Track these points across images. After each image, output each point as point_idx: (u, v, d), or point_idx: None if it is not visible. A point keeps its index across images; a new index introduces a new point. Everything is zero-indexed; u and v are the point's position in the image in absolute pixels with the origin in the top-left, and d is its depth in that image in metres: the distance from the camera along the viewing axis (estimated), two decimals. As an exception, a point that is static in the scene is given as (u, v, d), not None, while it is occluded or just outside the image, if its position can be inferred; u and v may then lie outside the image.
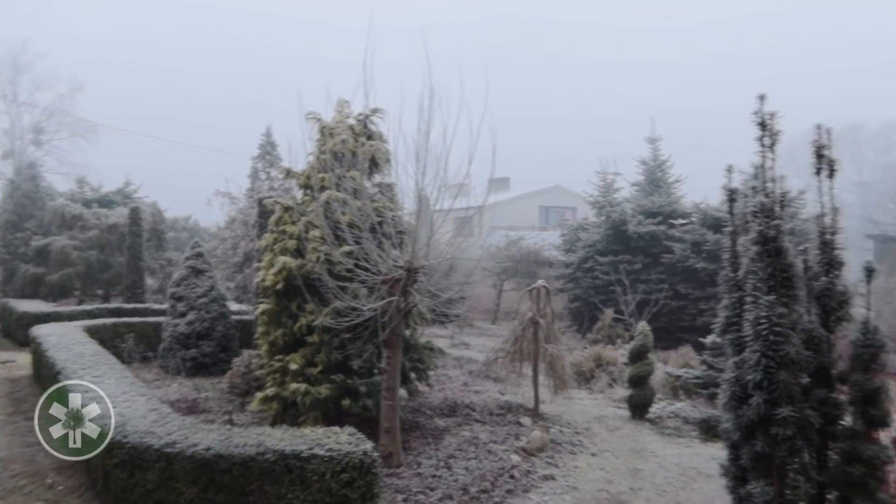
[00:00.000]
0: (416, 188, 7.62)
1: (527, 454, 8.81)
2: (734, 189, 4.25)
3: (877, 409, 4.09)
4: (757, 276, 3.87)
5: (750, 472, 3.88)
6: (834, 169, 4.07)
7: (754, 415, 3.79)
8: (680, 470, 8.60)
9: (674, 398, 12.39)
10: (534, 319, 10.79)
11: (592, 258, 22.07)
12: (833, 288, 4.20)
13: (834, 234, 4.16)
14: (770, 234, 3.89)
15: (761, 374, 3.75)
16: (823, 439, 4.20)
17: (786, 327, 3.72)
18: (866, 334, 4.10)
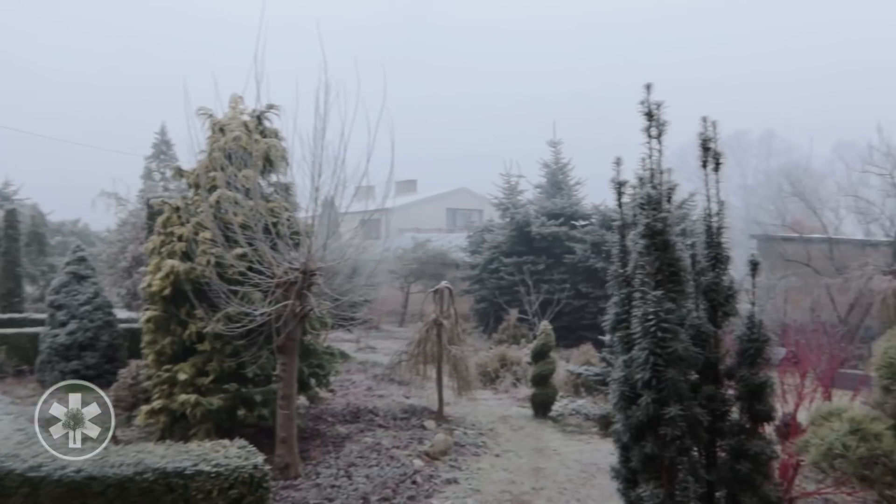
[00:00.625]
0: (312, 187, 7.33)
1: (430, 458, 8.67)
2: (622, 181, 4.23)
3: (762, 403, 4.16)
4: (645, 270, 3.85)
5: (640, 473, 3.85)
6: (720, 162, 4.14)
7: (644, 415, 3.76)
8: (581, 467, 8.70)
9: (575, 395, 12.61)
10: (437, 321, 10.68)
11: (497, 259, 22.31)
12: (720, 283, 4.25)
13: (720, 228, 4.22)
14: (657, 226, 3.88)
15: (650, 372, 3.72)
16: (712, 436, 4.23)
17: (674, 323, 3.71)
18: (752, 329, 4.17)
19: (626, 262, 4.28)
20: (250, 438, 7.54)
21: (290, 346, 7.53)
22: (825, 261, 20.92)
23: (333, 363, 9.81)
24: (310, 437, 9.24)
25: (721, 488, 4.23)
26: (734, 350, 4.32)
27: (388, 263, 28.25)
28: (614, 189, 4.22)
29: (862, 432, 5.31)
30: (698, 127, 4.17)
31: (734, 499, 4.15)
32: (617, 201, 4.28)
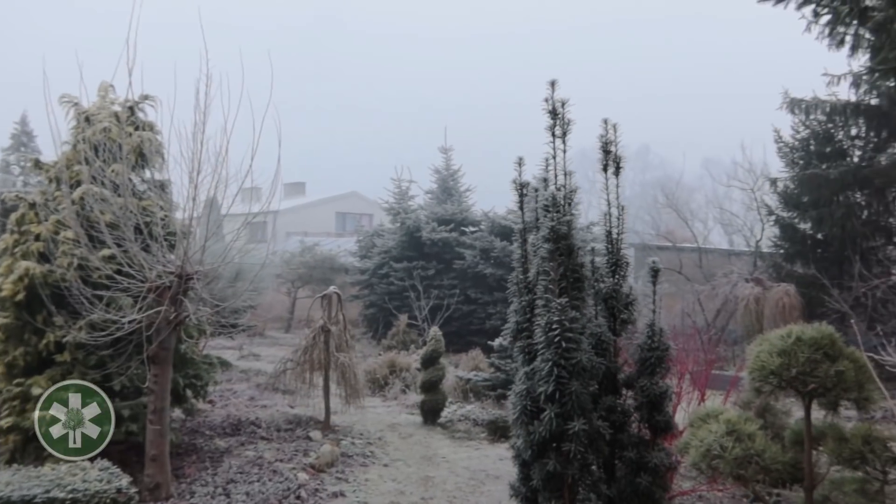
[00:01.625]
0: (190, 184, 6.82)
1: (316, 471, 8.32)
2: (525, 183, 4.13)
3: (661, 414, 4.18)
4: (549, 276, 3.75)
5: (541, 492, 3.75)
6: (620, 166, 4.15)
7: (546, 431, 3.64)
8: (470, 474, 8.64)
9: (464, 401, 12.60)
10: (325, 327, 10.32)
11: (388, 264, 22.09)
12: (619, 289, 4.25)
13: (621, 233, 4.21)
14: (562, 230, 3.80)
15: (553, 385, 3.61)
16: (612, 448, 4.20)
17: (577, 332, 3.62)
18: (653, 337, 4.18)
19: (527, 268, 4.17)
20: (117, 457, 6.93)
21: (162, 355, 6.95)
22: (695, 269, 22.26)
23: (212, 373, 9.21)
24: (185, 452, 8.63)
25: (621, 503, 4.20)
26: (633, 359, 4.30)
27: (274, 268, 27.32)
28: (516, 191, 4.11)
29: (737, 433, 5.55)
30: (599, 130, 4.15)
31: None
32: (518, 204, 4.16)
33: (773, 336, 5.82)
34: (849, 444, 5.28)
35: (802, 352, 5.43)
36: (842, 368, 5.32)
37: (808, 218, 17.84)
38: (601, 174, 4.15)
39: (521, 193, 4.08)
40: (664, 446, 4.31)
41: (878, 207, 17.32)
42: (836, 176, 16.49)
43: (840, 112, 17.23)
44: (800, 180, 17.74)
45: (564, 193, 3.96)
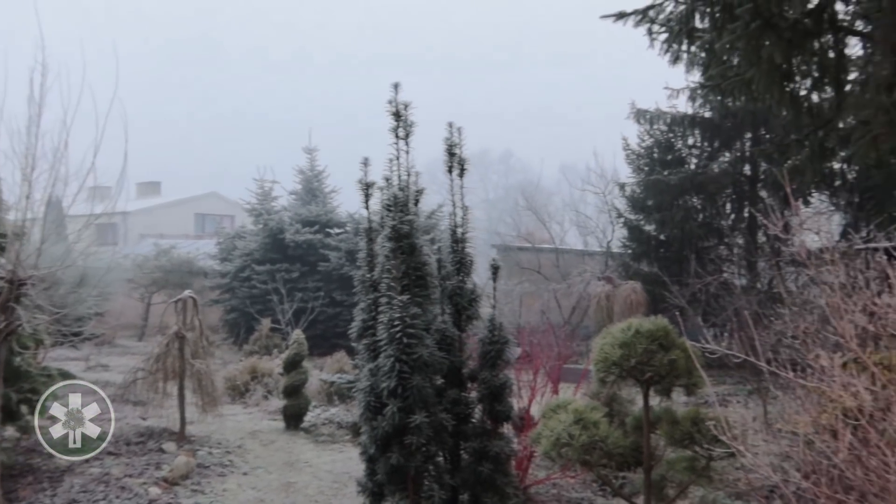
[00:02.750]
0: (23, 182, 6.26)
1: (169, 484, 7.90)
2: (370, 183, 4.19)
3: (502, 404, 4.37)
4: (391, 274, 3.82)
5: (386, 486, 3.81)
6: (465, 168, 4.31)
7: (389, 425, 3.70)
8: (333, 477, 8.57)
9: (329, 404, 12.47)
10: (179, 333, 9.83)
11: (250, 267, 21.39)
12: (464, 287, 4.40)
13: (465, 233, 4.37)
14: (404, 229, 3.88)
15: (396, 380, 3.68)
16: (456, 440, 4.34)
17: (420, 328, 3.71)
18: (493, 332, 4.37)
19: (373, 267, 4.22)
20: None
21: (-10, 369, 6.34)
22: (553, 268, 23.43)
23: (52, 386, 8.48)
24: (19, 474, 7.89)
25: (464, 491, 4.34)
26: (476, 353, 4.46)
27: (124, 272, 25.62)
28: (361, 191, 4.15)
29: (584, 421, 5.92)
30: (445, 133, 4.29)
31: (476, 500, 4.29)
32: (364, 204, 4.21)
33: (615, 329, 6.26)
34: (679, 427, 5.78)
35: (640, 343, 5.88)
36: (674, 357, 5.82)
37: (653, 220, 19.30)
38: (446, 175, 4.30)
39: (367, 193, 4.14)
40: (505, 435, 4.53)
41: (711, 210, 19.05)
42: (675, 182, 17.98)
43: (679, 123, 18.81)
44: (645, 185, 19.15)
45: (408, 193, 4.06)
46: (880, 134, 6.20)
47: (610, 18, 7.48)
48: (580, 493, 8.05)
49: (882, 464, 3.60)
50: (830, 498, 4.04)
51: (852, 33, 7.69)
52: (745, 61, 6.34)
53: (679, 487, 6.11)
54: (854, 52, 8.47)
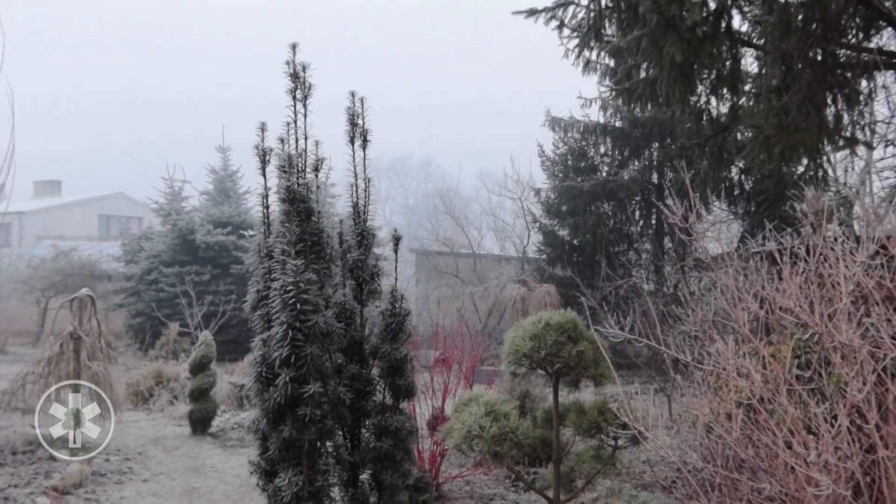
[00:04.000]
0: None
1: (59, 493, 7.40)
2: (267, 149, 4.04)
3: (403, 378, 4.29)
4: (285, 238, 3.69)
5: (279, 463, 3.65)
6: (367, 139, 4.23)
7: (281, 396, 3.52)
8: (240, 481, 8.25)
9: (239, 409, 12.07)
10: (74, 334, 9.24)
11: (157, 269, 20.48)
12: (365, 260, 4.29)
13: (367, 205, 4.27)
14: (299, 191, 3.73)
15: (288, 349, 3.51)
16: (356, 417, 4.23)
17: (315, 296, 3.57)
18: (394, 304, 4.29)
19: (268, 235, 4.07)
20: None
21: None
22: (470, 272, 23.64)
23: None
24: None
25: (364, 469, 4.24)
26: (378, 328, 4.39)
27: (17, 274, 24.09)
28: (258, 156, 4.00)
29: (495, 413, 5.96)
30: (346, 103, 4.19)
31: (377, 477, 4.19)
32: (260, 169, 4.05)
33: (526, 322, 6.35)
34: (587, 416, 5.90)
35: (550, 335, 5.99)
36: (582, 349, 5.95)
37: (566, 225, 19.75)
38: (348, 146, 4.20)
39: (263, 159, 3.99)
40: (406, 411, 4.47)
41: (621, 217, 19.70)
42: (588, 188, 18.48)
43: (592, 131, 19.36)
44: (559, 191, 19.59)
45: (305, 158, 3.94)
46: (770, 135, 6.55)
47: (521, 14, 7.59)
48: (493, 489, 8.09)
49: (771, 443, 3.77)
50: (726, 478, 4.21)
51: (747, 45, 8.12)
52: (649, 61, 6.57)
53: (587, 478, 6.23)
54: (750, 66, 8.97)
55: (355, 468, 4.17)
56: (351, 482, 4.17)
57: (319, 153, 4.00)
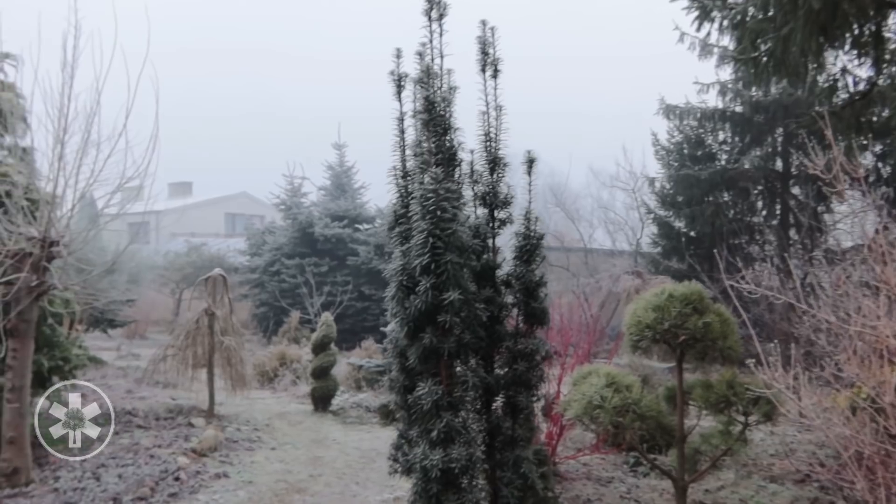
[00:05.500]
0: (56, 143, 6.34)
1: (197, 455, 7.93)
2: (403, 74, 4.12)
3: (537, 301, 4.25)
4: (422, 149, 3.73)
5: (418, 375, 3.71)
6: (498, 68, 4.22)
7: (422, 303, 3.59)
8: (360, 453, 8.53)
9: (357, 390, 12.47)
10: (209, 310, 9.89)
11: (279, 261, 21.55)
12: (497, 188, 4.31)
13: (499, 132, 4.25)
14: (437, 99, 3.78)
15: (429, 256, 3.55)
16: (490, 342, 4.23)
17: (453, 205, 3.57)
18: (528, 225, 4.25)
19: (405, 158, 4.15)
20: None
21: (22, 328, 6.40)
22: (582, 266, 23.20)
23: (83, 358, 8.60)
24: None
25: (498, 392, 4.24)
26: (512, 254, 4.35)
27: (155, 268, 26.02)
28: (393, 82, 4.10)
29: (616, 385, 5.80)
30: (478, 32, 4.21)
31: (511, 400, 4.18)
32: (395, 94, 4.14)
33: (647, 294, 6.13)
34: (714, 390, 5.62)
35: (674, 306, 5.74)
36: (709, 321, 5.67)
37: (683, 216, 18.99)
38: (479, 75, 4.21)
39: (398, 84, 4.08)
40: (540, 336, 4.42)
41: (742, 206, 18.70)
42: (706, 177, 17.69)
43: (709, 118, 18.50)
44: (675, 181, 18.87)
45: (441, 76, 3.96)
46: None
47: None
48: (610, 472, 7.90)
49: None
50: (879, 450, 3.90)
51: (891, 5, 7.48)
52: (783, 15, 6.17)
53: (713, 458, 5.94)
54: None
55: (490, 392, 4.17)
56: (485, 408, 4.17)
57: (451, 82, 4.03)
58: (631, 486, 7.45)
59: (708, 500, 6.94)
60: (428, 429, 3.51)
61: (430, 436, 3.46)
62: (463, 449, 3.44)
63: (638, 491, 7.29)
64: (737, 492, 7.16)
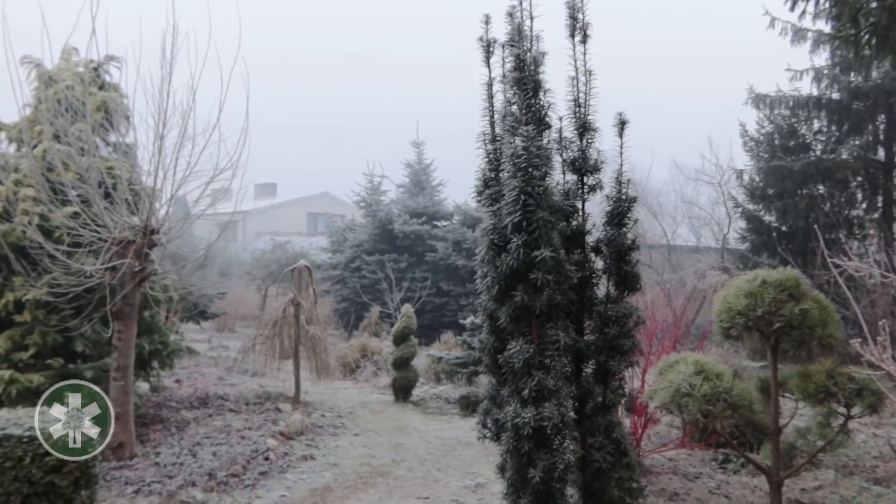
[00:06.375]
0: (156, 137, 6.70)
1: (285, 438, 8.20)
2: (492, 40, 4.10)
3: (629, 265, 4.15)
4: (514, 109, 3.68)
5: (510, 333, 3.68)
6: (587, 33, 4.15)
7: (513, 260, 3.53)
8: (441, 441, 8.60)
9: (436, 382, 12.56)
10: (294, 300, 10.20)
11: (359, 257, 21.99)
12: (586, 153, 4.22)
13: (588, 97, 4.17)
14: (528, 59, 3.73)
15: (520, 214, 3.50)
16: (580, 306, 4.16)
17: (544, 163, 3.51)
18: (620, 188, 4.16)
19: (493, 122, 4.13)
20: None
21: (127, 311, 6.80)
22: (664, 263, 22.55)
23: (181, 343, 9.05)
24: (150, 422, 8.45)
25: (589, 357, 4.15)
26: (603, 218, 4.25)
27: (243, 264, 27.04)
28: (482, 48, 4.09)
29: (705, 373, 5.60)
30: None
31: (603, 365, 4.09)
32: (484, 60, 4.13)
33: (739, 280, 5.90)
34: (813, 380, 5.34)
35: (768, 293, 5.49)
36: (806, 307, 5.39)
37: (773, 210, 18.14)
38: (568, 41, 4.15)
39: (487, 50, 4.06)
40: (629, 303, 4.30)
41: (839, 199, 17.70)
42: (799, 168, 16.83)
43: (803, 106, 17.59)
44: (765, 172, 18.06)
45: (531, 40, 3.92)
46: None
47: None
48: (698, 468, 7.65)
49: None
50: None
51: None
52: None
53: (811, 452, 5.65)
54: None
55: (580, 357, 4.11)
56: (574, 373, 4.12)
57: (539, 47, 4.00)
58: (720, 482, 7.19)
59: (805, 500, 6.61)
60: (519, 387, 3.48)
61: (522, 394, 3.43)
62: (555, 408, 3.40)
63: (728, 487, 7.03)
64: (836, 492, 6.79)
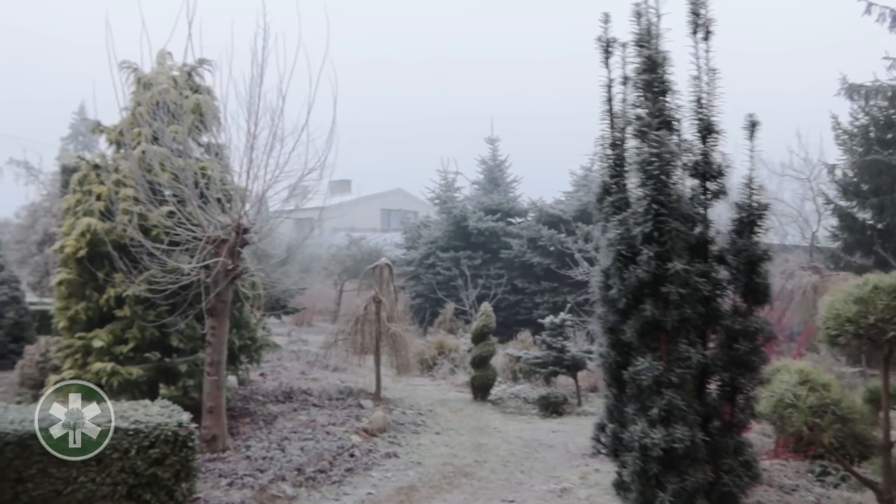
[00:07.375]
0: (248, 138, 6.86)
1: (368, 434, 8.29)
2: (611, 39, 3.95)
3: (760, 276, 3.91)
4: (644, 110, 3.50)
5: (635, 349, 3.51)
6: (710, 30, 3.92)
7: (644, 272, 3.36)
8: (523, 443, 8.50)
9: (513, 381, 12.46)
10: (376, 298, 10.30)
11: (434, 254, 22.07)
12: (710, 157, 3.98)
13: (712, 97, 3.94)
14: (658, 59, 3.56)
15: (651, 224, 3.33)
16: (706, 319, 3.93)
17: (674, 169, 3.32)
18: (750, 194, 3.92)
19: (614, 125, 3.98)
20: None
21: (220, 307, 7.00)
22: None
23: (267, 339, 9.29)
24: (239, 415, 8.69)
25: (714, 373, 3.95)
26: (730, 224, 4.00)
27: (320, 259, 27.60)
28: (601, 47, 3.95)
29: (811, 383, 5.29)
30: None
31: (733, 382, 3.87)
32: (603, 61, 3.98)
33: (847, 286, 5.54)
34: (932, 393, 4.96)
35: (881, 299, 5.13)
36: (925, 315, 5.01)
37: (869, 206, 17.12)
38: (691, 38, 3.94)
39: (606, 49, 3.90)
40: (761, 316, 4.06)
41: (946, 195, 16.56)
42: (898, 162, 15.84)
43: (902, 96, 16.54)
44: (859, 167, 17.06)
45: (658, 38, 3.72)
46: None
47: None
48: (793, 480, 7.28)
49: None
50: None
51: None
52: None
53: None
54: None
55: (705, 373, 3.91)
56: (698, 391, 3.90)
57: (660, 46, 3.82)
58: (820, 496, 6.82)
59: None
60: (646, 406, 3.33)
61: (649, 413, 3.29)
62: (686, 429, 3.24)
63: (829, 502, 6.66)
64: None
